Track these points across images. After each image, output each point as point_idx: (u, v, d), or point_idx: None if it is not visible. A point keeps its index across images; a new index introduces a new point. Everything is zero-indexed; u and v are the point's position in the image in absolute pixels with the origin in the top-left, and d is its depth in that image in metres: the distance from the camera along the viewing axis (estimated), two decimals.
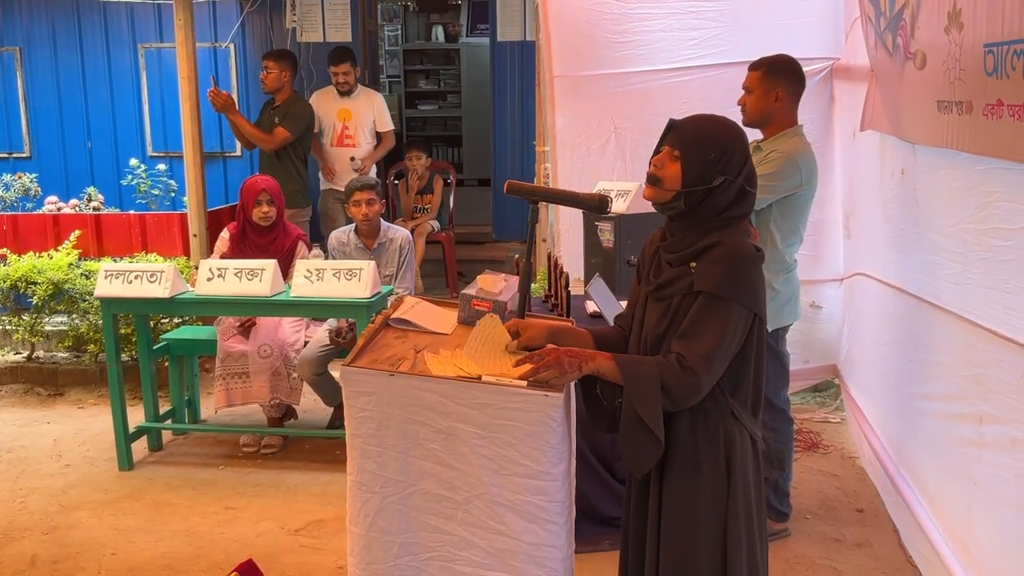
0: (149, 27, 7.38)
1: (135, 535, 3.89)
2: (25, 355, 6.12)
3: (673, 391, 2.05)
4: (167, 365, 5.07)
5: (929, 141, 3.13)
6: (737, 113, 3.44)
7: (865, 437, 4.31)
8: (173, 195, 6.79)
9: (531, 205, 2.38)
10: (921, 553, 3.40)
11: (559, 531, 2.13)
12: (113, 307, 4.50)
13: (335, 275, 4.29)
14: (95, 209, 6.42)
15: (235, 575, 3.06)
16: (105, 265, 4.55)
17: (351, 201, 4.84)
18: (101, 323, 4.86)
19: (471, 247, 7.82)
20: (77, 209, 6.41)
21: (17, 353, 6.21)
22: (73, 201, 6.53)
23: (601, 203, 2.35)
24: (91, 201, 6.51)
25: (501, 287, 2.53)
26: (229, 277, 4.39)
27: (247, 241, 4.85)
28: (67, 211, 6.37)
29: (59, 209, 6.38)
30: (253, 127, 6.03)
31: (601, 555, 3.43)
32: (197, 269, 4.62)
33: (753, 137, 3.52)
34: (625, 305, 2.44)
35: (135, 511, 4.12)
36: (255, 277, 4.36)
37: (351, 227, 4.97)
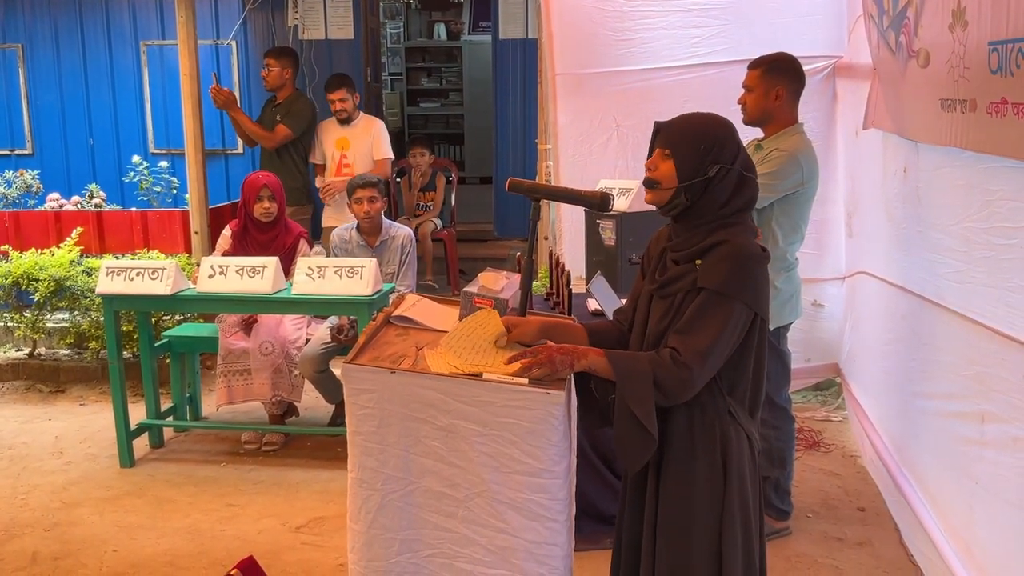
0: (151, 24, 7.38)
1: (137, 532, 3.89)
2: (27, 352, 6.12)
3: (665, 386, 2.05)
4: (168, 362, 5.07)
5: (932, 139, 3.12)
6: (738, 112, 3.44)
7: (867, 436, 4.30)
8: (175, 192, 6.78)
9: (533, 203, 2.38)
10: (922, 552, 3.39)
11: (560, 529, 2.13)
12: (115, 304, 4.51)
13: (337, 273, 4.29)
14: (97, 206, 6.42)
15: (236, 572, 3.06)
16: (107, 262, 4.55)
17: (353, 198, 4.84)
18: (103, 320, 4.86)
19: (473, 245, 7.82)
20: (79, 206, 6.42)
21: (19, 350, 6.22)
22: (75, 198, 6.54)
23: (603, 201, 2.35)
24: (93, 198, 6.51)
25: (503, 285, 2.53)
26: (231, 274, 4.39)
27: (249, 238, 4.86)
28: (69, 208, 6.37)
29: (61, 206, 6.38)
30: (255, 124, 6.03)
31: (601, 553, 3.41)
32: (199, 266, 4.62)
33: (754, 136, 3.54)
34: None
35: (137, 508, 4.13)
36: (257, 274, 4.36)
37: (353, 224, 4.98)
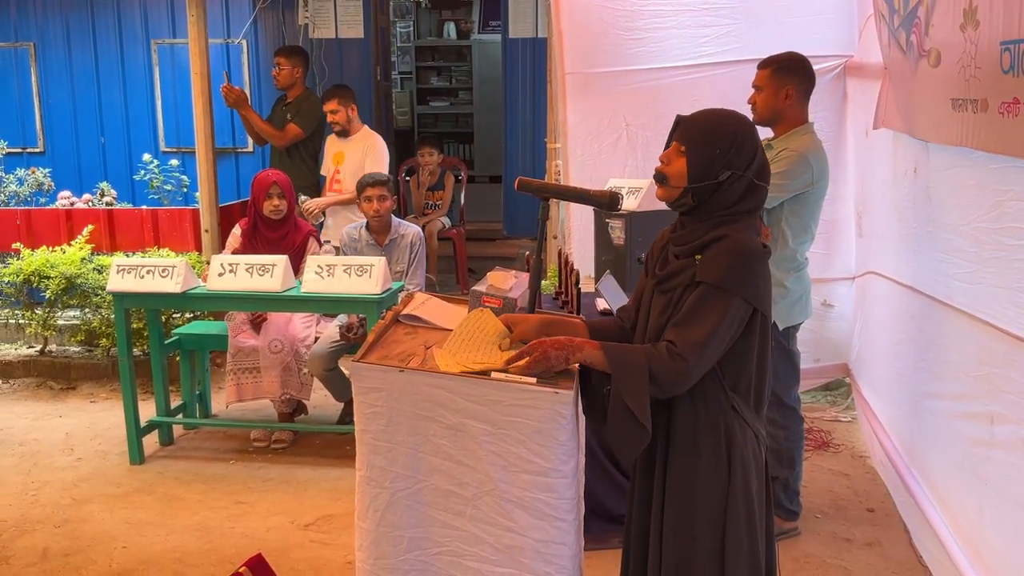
0: (162, 23, 7.40)
1: (146, 529, 3.91)
2: (38, 349, 6.15)
3: (660, 378, 2.04)
4: (178, 360, 5.09)
5: (943, 139, 3.11)
6: (748, 111, 3.44)
7: (876, 436, 4.29)
8: (185, 190, 6.80)
9: (542, 202, 2.38)
10: (931, 553, 3.38)
11: (568, 528, 2.13)
12: (125, 302, 4.52)
13: (346, 271, 4.30)
14: (108, 204, 6.44)
15: (245, 570, 3.06)
16: (117, 260, 4.57)
17: (362, 197, 4.85)
18: (113, 317, 4.88)
19: (482, 244, 7.82)
20: (90, 204, 6.44)
21: (30, 347, 6.25)
22: (86, 196, 6.55)
23: (612, 200, 2.35)
24: (104, 196, 6.53)
25: (511, 284, 2.53)
26: (240, 272, 4.40)
27: (258, 236, 4.87)
28: (80, 206, 6.39)
29: (72, 204, 6.40)
30: (265, 123, 6.04)
31: (610, 553, 3.42)
32: (209, 264, 4.64)
33: (764, 135, 3.53)
34: None
35: (146, 505, 4.14)
36: (266, 272, 4.37)
37: (362, 223, 4.98)
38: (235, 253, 4.78)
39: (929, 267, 3.46)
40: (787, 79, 3.45)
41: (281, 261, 4.40)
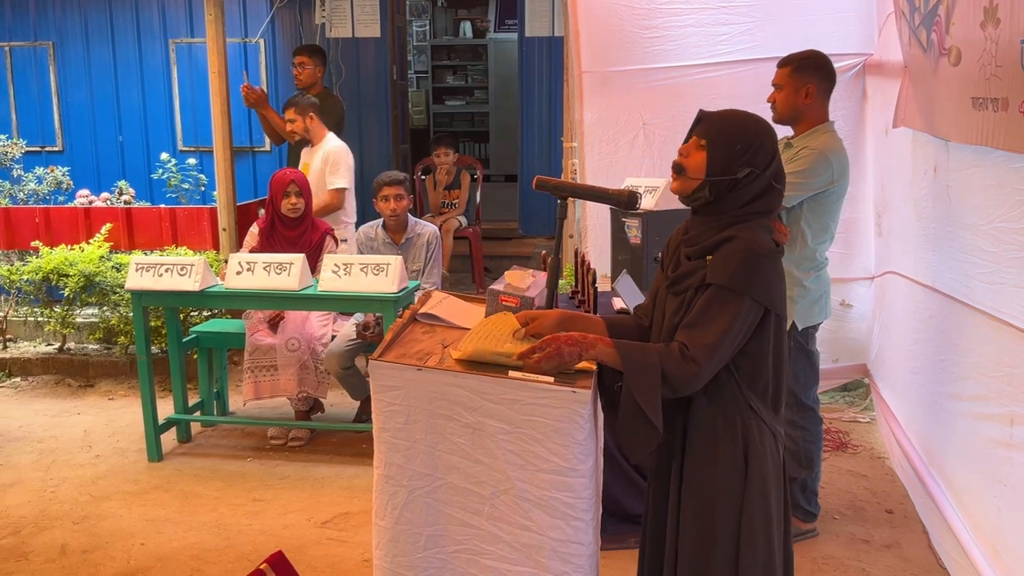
0: (180, 22, 7.45)
1: (164, 526, 3.93)
2: (56, 347, 6.20)
3: (672, 378, 2.05)
4: (196, 358, 5.12)
5: (963, 138, 3.09)
6: (767, 110, 3.42)
7: (895, 437, 4.27)
8: (203, 189, 6.84)
9: (559, 201, 2.38)
10: (950, 555, 3.36)
11: (585, 528, 2.12)
12: (144, 300, 4.55)
13: (362, 270, 4.31)
14: (126, 203, 6.48)
15: (266, 567, 3.07)
16: (136, 258, 4.60)
17: (379, 196, 4.86)
18: (131, 315, 4.91)
19: (497, 243, 7.82)
20: (108, 202, 6.48)
21: (48, 345, 6.30)
22: (104, 195, 6.60)
23: (630, 199, 2.35)
24: (122, 195, 6.58)
25: (529, 283, 2.53)
26: (258, 271, 4.42)
27: (276, 235, 4.89)
28: (98, 204, 6.44)
29: (90, 202, 6.45)
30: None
31: (627, 552, 3.42)
32: (226, 263, 4.66)
33: (784, 134, 3.51)
34: None
35: (164, 502, 4.17)
36: (283, 271, 4.39)
37: (379, 222, 4.99)
38: (252, 251, 4.79)
39: (949, 267, 3.44)
40: (807, 77, 3.43)
41: (298, 260, 4.41)
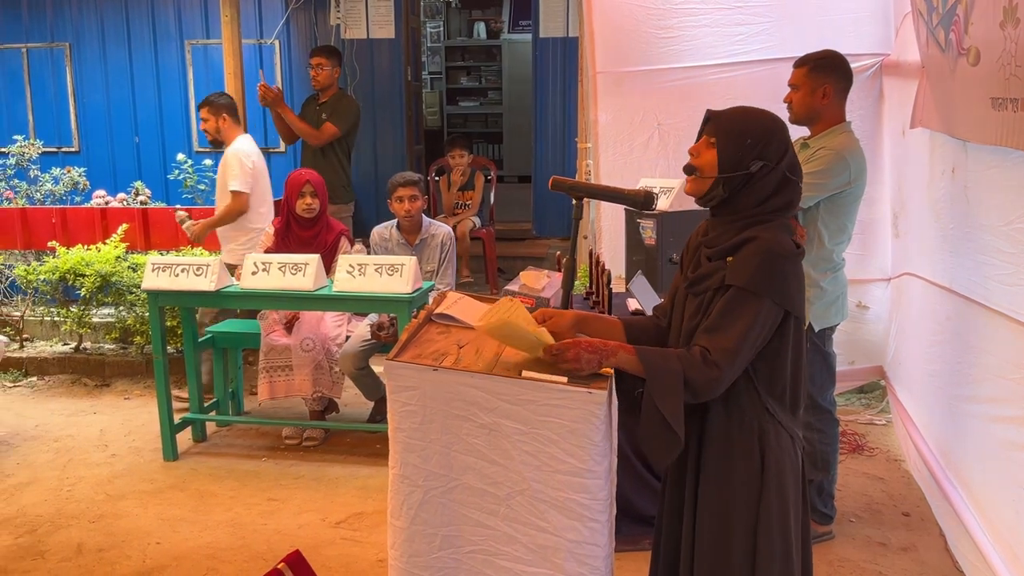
0: (196, 23, 7.48)
1: (179, 525, 3.94)
2: (73, 346, 6.23)
3: (695, 384, 2.04)
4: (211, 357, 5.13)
5: (981, 139, 3.06)
6: (784, 110, 3.40)
7: (911, 440, 4.24)
8: None
9: (575, 201, 2.37)
10: (968, 559, 3.34)
11: (601, 529, 2.12)
12: (160, 300, 4.57)
13: (377, 270, 4.31)
14: (142, 203, 6.51)
15: (283, 566, 3.08)
16: (152, 258, 4.62)
17: (394, 197, 4.86)
18: (147, 315, 4.93)
19: (511, 243, 7.81)
20: (125, 203, 6.51)
21: (65, 344, 6.33)
22: (121, 195, 6.64)
23: (646, 199, 2.34)
24: (138, 195, 6.61)
25: (544, 283, 2.53)
26: (273, 271, 4.43)
27: (291, 235, 4.90)
28: (115, 205, 6.47)
29: (107, 203, 6.48)
30: (303, 122, 6.07)
31: (641, 554, 3.39)
32: (242, 263, 4.67)
33: (801, 134, 3.50)
34: None
35: (179, 501, 4.18)
36: (298, 271, 4.40)
37: (393, 223, 5.00)
38: (268, 252, 4.81)
39: (966, 268, 3.41)
40: (824, 77, 3.41)
41: (313, 260, 4.42)
